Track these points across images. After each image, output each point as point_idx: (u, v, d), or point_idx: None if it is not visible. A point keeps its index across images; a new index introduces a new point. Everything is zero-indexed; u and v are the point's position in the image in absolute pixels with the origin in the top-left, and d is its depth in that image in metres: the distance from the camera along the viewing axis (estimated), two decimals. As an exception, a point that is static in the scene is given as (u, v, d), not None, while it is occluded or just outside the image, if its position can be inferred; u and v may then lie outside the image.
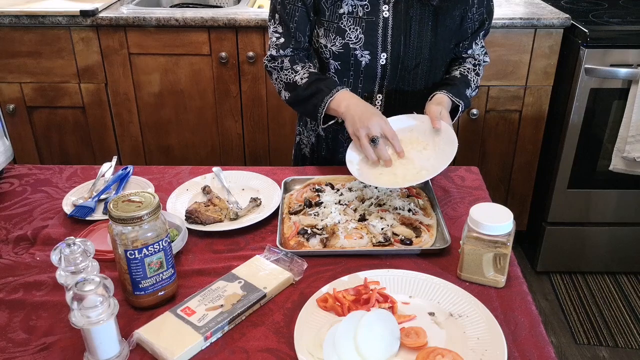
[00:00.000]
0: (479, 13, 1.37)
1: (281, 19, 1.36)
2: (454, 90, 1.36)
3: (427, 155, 1.26)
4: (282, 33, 1.38)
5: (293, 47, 1.39)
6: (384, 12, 1.31)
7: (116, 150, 2.40)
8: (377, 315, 0.88)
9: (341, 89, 1.31)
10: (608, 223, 2.37)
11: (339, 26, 1.32)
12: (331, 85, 1.32)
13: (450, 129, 1.26)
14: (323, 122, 1.34)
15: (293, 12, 1.34)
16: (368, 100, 1.41)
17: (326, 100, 1.30)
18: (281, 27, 1.37)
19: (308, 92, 1.34)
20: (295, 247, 1.10)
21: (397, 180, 1.22)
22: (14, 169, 1.42)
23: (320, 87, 1.32)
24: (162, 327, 0.90)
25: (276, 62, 1.40)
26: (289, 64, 1.39)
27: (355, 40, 1.32)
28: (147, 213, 0.89)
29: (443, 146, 1.25)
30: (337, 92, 1.30)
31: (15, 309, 0.97)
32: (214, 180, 1.35)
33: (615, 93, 2.11)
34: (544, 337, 0.90)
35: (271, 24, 1.39)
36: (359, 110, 1.26)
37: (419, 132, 1.30)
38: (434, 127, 1.27)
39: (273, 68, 1.41)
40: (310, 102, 1.34)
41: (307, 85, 1.35)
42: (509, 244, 0.97)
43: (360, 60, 1.35)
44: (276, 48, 1.39)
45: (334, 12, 1.32)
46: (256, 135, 2.37)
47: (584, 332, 2.18)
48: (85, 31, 2.17)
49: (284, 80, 1.39)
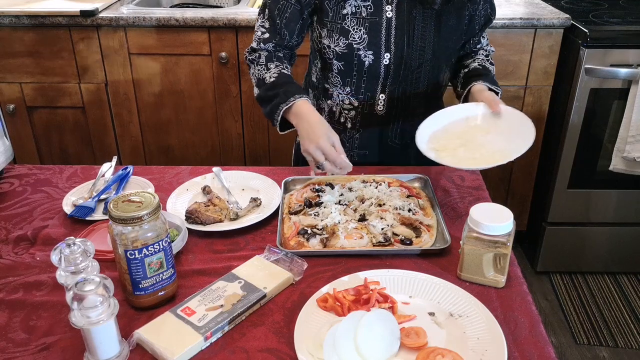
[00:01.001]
0: (485, 9, 1.39)
1: (270, 14, 1.36)
2: (487, 79, 1.38)
3: (493, 139, 1.27)
4: (268, 28, 1.37)
5: (276, 43, 1.38)
6: (387, 12, 1.31)
7: (116, 150, 2.40)
8: (377, 315, 0.88)
9: (299, 98, 1.28)
10: (608, 223, 2.37)
11: (342, 27, 1.32)
12: (290, 93, 1.29)
13: (513, 110, 1.28)
14: (281, 128, 1.34)
15: (285, 9, 1.34)
16: (371, 101, 1.41)
17: (281, 107, 1.28)
18: (268, 22, 1.37)
19: (269, 93, 1.33)
20: (295, 247, 1.10)
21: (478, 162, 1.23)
22: (14, 169, 1.42)
23: (279, 92, 1.30)
24: (162, 327, 0.90)
25: (254, 55, 1.39)
26: (264, 60, 1.38)
27: (359, 40, 1.32)
28: (147, 213, 0.89)
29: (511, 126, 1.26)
30: (294, 101, 1.28)
31: (15, 309, 0.97)
32: (214, 180, 1.35)
33: (615, 93, 2.11)
34: (544, 337, 0.90)
35: (259, 17, 1.39)
36: (308, 125, 1.24)
37: (476, 120, 1.31)
38: (494, 111, 1.28)
39: (251, 61, 1.40)
40: (269, 105, 1.33)
41: (271, 86, 1.33)
42: (509, 244, 0.97)
43: (363, 61, 1.34)
44: (258, 41, 1.39)
45: (337, 12, 1.32)
46: (256, 135, 2.37)
47: (584, 332, 2.18)
48: (85, 31, 2.17)
49: (256, 75, 1.38)
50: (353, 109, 1.43)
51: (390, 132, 1.46)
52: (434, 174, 1.36)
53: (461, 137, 1.30)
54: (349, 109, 1.44)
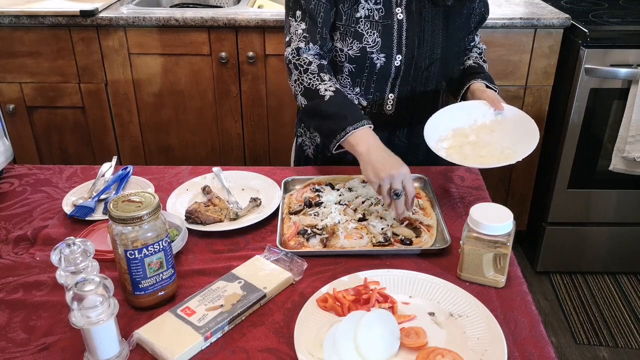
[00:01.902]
0: (479, 7, 1.41)
1: (305, 13, 1.29)
2: (484, 77, 1.39)
3: (499, 137, 1.28)
4: (306, 28, 1.29)
5: (320, 45, 1.31)
6: (398, 14, 1.31)
7: (116, 150, 2.40)
8: (377, 315, 0.88)
9: (366, 124, 1.21)
10: (608, 223, 2.37)
11: (356, 30, 1.31)
12: (357, 117, 1.22)
13: (515, 109, 1.29)
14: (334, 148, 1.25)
15: (318, 9, 1.29)
16: (379, 101, 1.41)
17: (348, 130, 1.20)
18: (305, 23, 1.29)
19: (331, 110, 1.24)
20: (295, 247, 1.10)
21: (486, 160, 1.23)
22: (14, 169, 1.42)
23: (345, 114, 1.22)
24: (162, 327, 0.90)
25: (302, 59, 1.29)
26: (316, 68, 1.28)
27: (373, 44, 1.32)
28: (147, 213, 0.89)
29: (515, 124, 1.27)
30: (361, 127, 1.21)
31: (15, 309, 0.97)
32: (214, 180, 1.35)
33: (615, 93, 2.11)
34: (544, 337, 0.90)
35: (292, 19, 1.31)
36: (381, 157, 1.16)
37: (480, 118, 1.32)
38: (498, 109, 1.29)
39: (297, 65, 1.30)
40: (327, 123, 1.24)
41: (333, 103, 1.24)
42: (509, 244, 0.97)
43: (375, 63, 1.34)
44: (304, 40, 1.29)
45: (351, 16, 1.31)
46: (256, 135, 2.37)
47: (584, 332, 2.18)
48: (85, 31, 2.16)
49: (305, 84, 1.28)
50: (362, 109, 1.43)
51: (399, 132, 1.47)
52: (434, 174, 1.36)
53: (467, 135, 1.30)
54: None
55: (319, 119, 1.28)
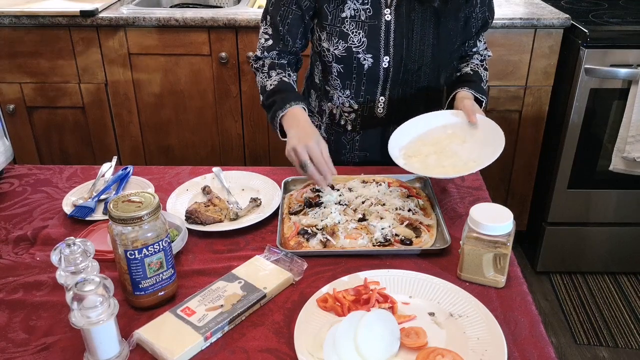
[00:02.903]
0: (482, 12, 1.38)
1: (272, 21, 1.36)
2: (474, 86, 1.38)
3: (469, 148, 1.27)
4: (270, 35, 1.39)
5: (279, 50, 1.39)
6: (386, 15, 1.31)
7: (116, 150, 2.40)
8: (377, 315, 0.88)
9: (295, 105, 1.30)
10: (608, 223, 2.37)
11: (341, 30, 1.32)
12: (287, 100, 1.31)
13: (488, 120, 1.27)
14: (282, 134, 1.33)
15: (286, 15, 1.34)
16: (371, 103, 1.41)
17: (279, 114, 1.30)
18: (271, 29, 1.38)
19: (269, 101, 1.35)
20: (295, 247, 1.10)
21: (446, 170, 1.23)
22: (14, 169, 1.42)
23: (277, 99, 1.32)
24: (162, 327, 0.90)
25: (259, 63, 1.42)
26: (267, 68, 1.40)
27: (358, 43, 1.32)
28: (147, 213, 0.89)
29: (486, 136, 1.26)
30: (289, 108, 1.30)
31: (15, 309, 0.97)
32: (214, 180, 1.35)
33: (615, 93, 2.11)
34: (544, 337, 0.90)
35: (262, 24, 1.40)
36: (301, 128, 1.26)
37: (453, 128, 1.31)
38: (471, 121, 1.28)
39: (256, 69, 1.43)
40: (269, 112, 1.35)
41: (271, 94, 1.35)
42: (509, 244, 0.97)
43: (362, 64, 1.34)
44: (262, 49, 1.40)
45: (336, 16, 1.31)
46: (256, 135, 2.37)
47: (584, 332, 2.18)
48: (85, 31, 2.17)
49: (260, 83, 1.41)
50: (353, 112, 1.43)
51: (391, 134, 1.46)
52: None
53: (435, 144, 1.30)
54: (349, 112, 1.44)
55: (267, 111, 1.37)
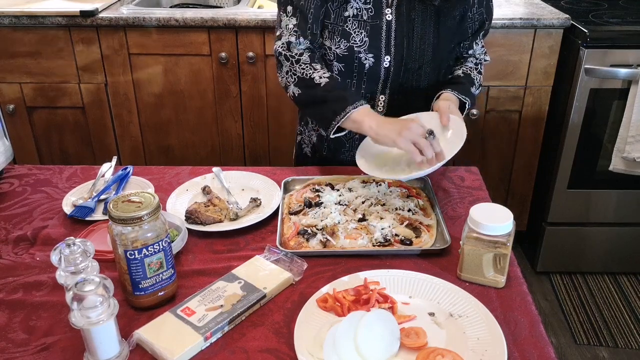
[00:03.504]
0: (479, 13, 1.37)
1: (296, 9, 1.30)
2: (460, 88, 1.37)
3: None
4: (297, 24, 1.31)
5: (310, 40, 1.32)
6: (387, 15, 1.31)
7: (116, 150, 2.40)
8: (377, 315, 0.88)
9: (365, 104, 1.26)
10: (608, 223, 2.37)
11: (344, 29, 1.31)
12: (356, 98, 1.26)
13: (459, 122, 1.26)
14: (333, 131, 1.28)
15: (309, 5, 1.30)
16: (371, 102, 1.41)
17: (349, 110, 1.24)
18: (295, 19, 1.31)
19: (329, 95, 1.27)
20: (295, 248, 1.10)
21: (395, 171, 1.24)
22: (14, 169, 1.42)
23: (344, 95, 1.26)
24: (162, 327, 0.90)
25: (293, 52, 1.31)
26: (308, 58, 1.31)
27: (360, 43, 1.32)
28: (147, 213, 0.89)
29: (452, 139, 1.25)
30: (361, 106, 1.25)
31: (15, 309, 0.97)
32: (214, 180, 1.35)
33: (615, 93, 2.11)
34: (544, 337, 0.90)
35: (284, 14, 1.33)
36: (391, 120, 1.22)
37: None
38: (442, 123, 1.27)
39: (289, 57, 1.32)
40: (327, 106, 1.27)
41: (329, 88, 1.27)
42: (508, 244, 0.97)
43: (364, 63, 1.34)
44: (295, 35, 1.31)
45: (339, 14, 1.31)
46: (256, 136, 2.37)
47: (584, 332, 2.18)
48: (85, 31, 2.16)
49: (299, 74, 1.30)
50: None
51: None
52: (434, 174, 1.36)
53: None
54: None
55: (315, 106, 1.31)
